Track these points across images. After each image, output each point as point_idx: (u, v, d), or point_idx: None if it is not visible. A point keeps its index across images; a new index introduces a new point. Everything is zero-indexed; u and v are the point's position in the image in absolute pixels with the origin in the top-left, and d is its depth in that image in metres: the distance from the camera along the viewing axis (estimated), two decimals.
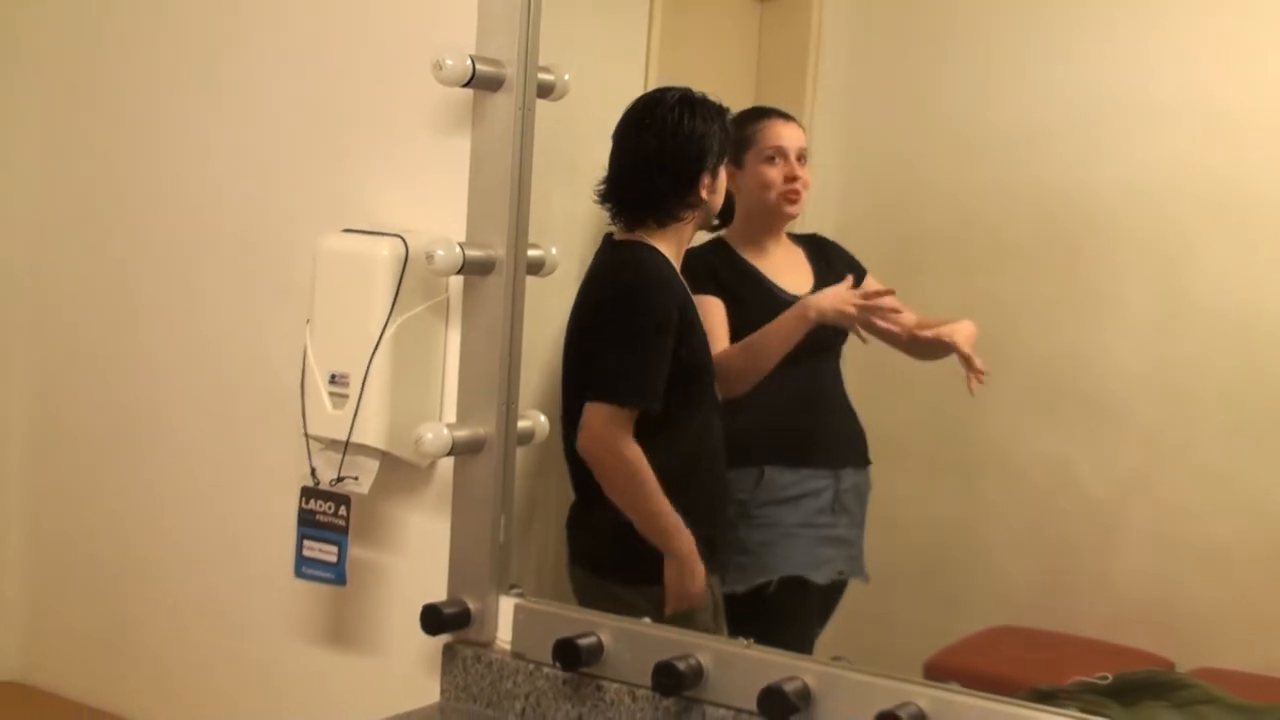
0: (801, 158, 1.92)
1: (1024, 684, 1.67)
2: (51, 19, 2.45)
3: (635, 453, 1.91)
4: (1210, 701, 1.62)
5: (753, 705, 1.72)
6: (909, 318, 1.87)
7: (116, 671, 2.40)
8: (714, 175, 1.95)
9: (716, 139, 1.95)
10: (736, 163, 1.93)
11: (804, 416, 1.96)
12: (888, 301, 1.88)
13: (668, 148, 1.98)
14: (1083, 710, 1.60)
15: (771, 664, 1.75)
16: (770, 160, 1.92)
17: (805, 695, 1.71)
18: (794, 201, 1.93)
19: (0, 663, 2.53)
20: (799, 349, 1.92)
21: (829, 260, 1.95)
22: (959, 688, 1.65)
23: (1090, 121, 1.77)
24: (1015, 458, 1.82)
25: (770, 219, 1.94)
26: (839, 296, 1.90)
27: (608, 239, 2.01)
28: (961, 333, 1.83)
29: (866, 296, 1.89)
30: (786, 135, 1.91)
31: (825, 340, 1.93)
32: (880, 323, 1.88)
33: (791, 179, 1.91)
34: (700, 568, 1.90)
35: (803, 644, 1.81)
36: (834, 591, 1.98)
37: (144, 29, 2.34)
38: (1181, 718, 1.60)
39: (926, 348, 1.87)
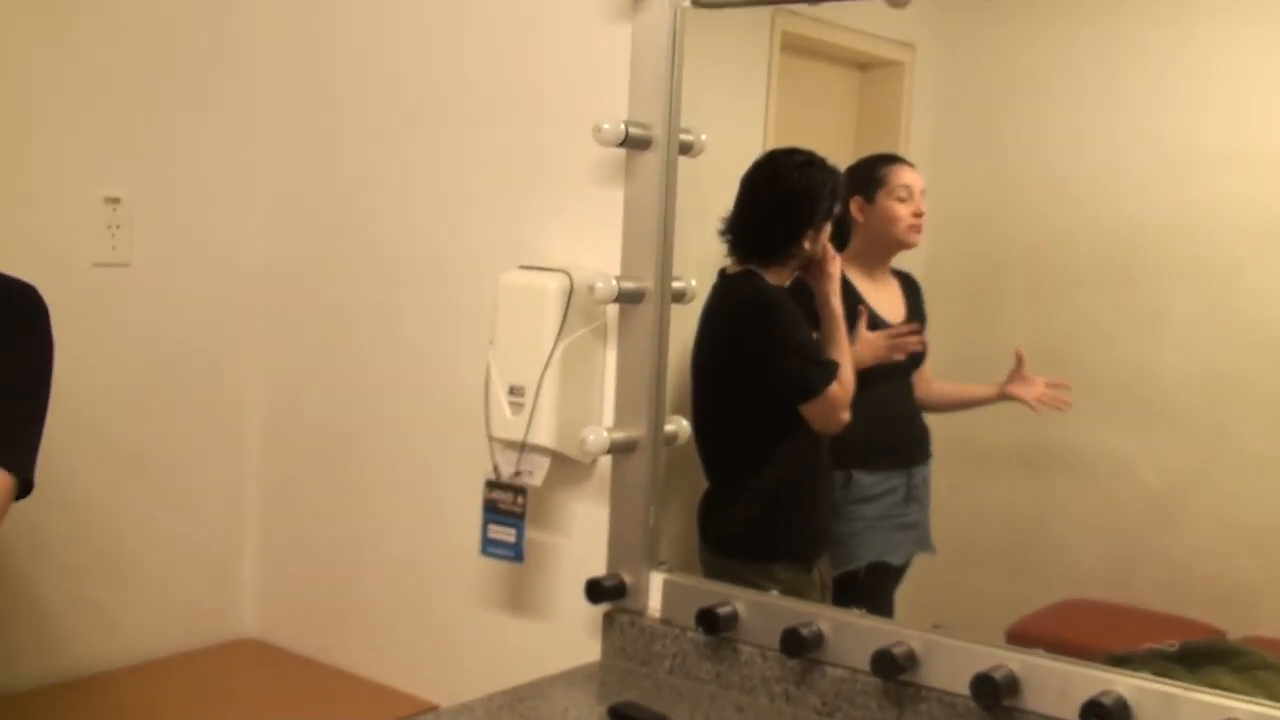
0: (923, 196, 1.88)
1: (1095, 649, 1.62)
2: (280, 86, 2.48)
3: (848, 414, 1.90)
4: (1266, 667, 1.56)
5: (867, 666, 1.70)
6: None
7: (336, 631, 2.42)
8: (818, 231, 1.92)
9: (826, 201, 1.92)
10: (867, 198, 1.90)
11: (883, 428, 1.94)
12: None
13: (783, 204, 1.96)
14: (1154, 674, 1.55)
15: (881, 631, 1.73)
16: (901, 199, 1.88)
17: (911, 658, 1.68)
18: (919, 232, 1.89)
19: (240, 623, 2.56)
20: (879, 373, 1.89)
21: (916, 297, 1.92)
22: (1044, 653, 1.61)
23: (1146, 167, 1.72)
24: (1084, 454, 1.78)
25: (893, 248, 1.91)
26: (873, 345, 1.89)
27: (721, 274, 1.98)
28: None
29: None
30: (913, 178, 1.87)
31: (901, 367, 1.90)
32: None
33: (918, 214, 1.88)
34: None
35: (886, 615, 1.80)
36: (905, 566, 1.95)
37: (359, 97, 2.36)
38: (1240, 681, 1.54)
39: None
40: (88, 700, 2.22)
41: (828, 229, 1.91)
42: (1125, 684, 1.55)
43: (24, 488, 1.59)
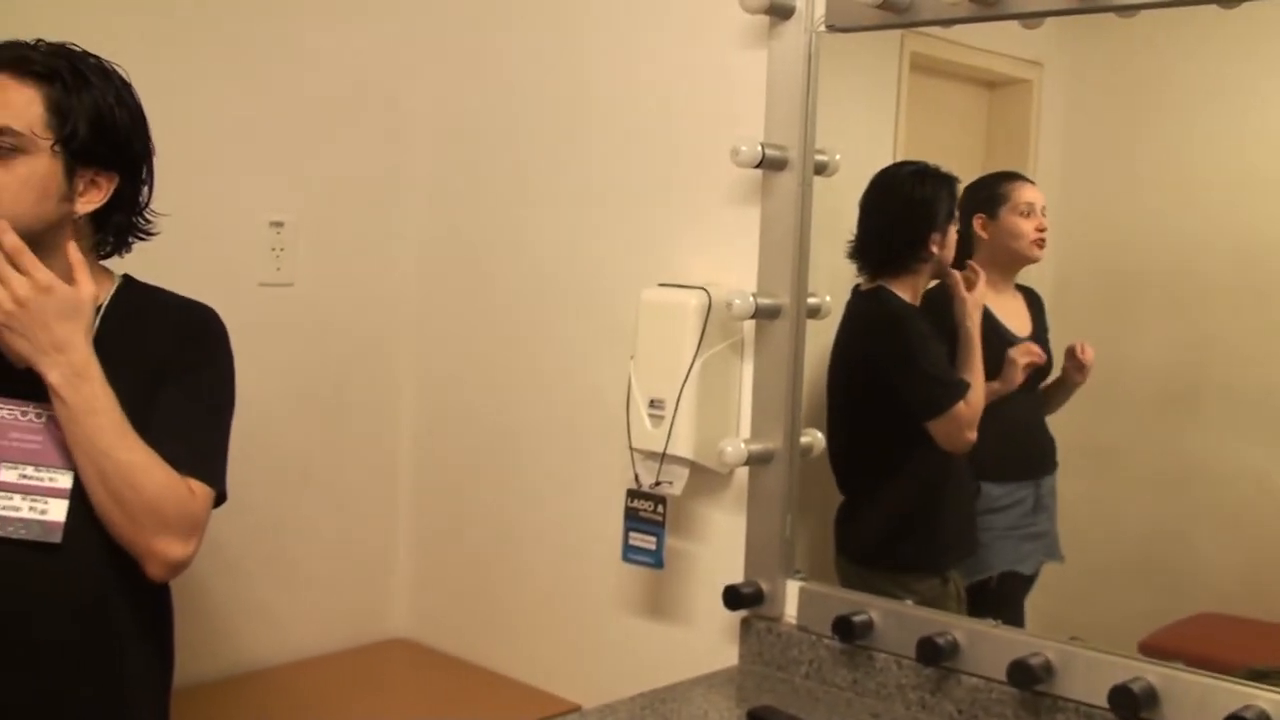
0: (1044, 213, 1.84)
1: (1233, 664, 1.57)
2: (432, 117, 2.53)
3: (976, 430, 1.87)
4: None
5: (1002, 675, 1.67)
6: None
7: (483, 632, 2.45)
8: (943, 234, 1.89)
9: (944, 204, 1.89)
10: (990, 215, 1.86)
11: (1012, 440, 1.89)
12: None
13: (902, 212, 1.94)
14: None
15: (1016, 641, 1.70)
16: (1024, 214, 1.84)
17: (1048, 668, 1.65)
18: (1042, 247, 1.85)
19: (392, 623, 2.60)
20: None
21: (1040, 312, 1.88)
22: (1184, 666, 1.56)
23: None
24: (1220, 468, 1.72)
25: (1017, 263, 1.87)
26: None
27: (855, 290, 1.97)
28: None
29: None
30: (1034, 194, 1.83)
31: (1029, 379, 1.86)
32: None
33: (1041, 230, 1.84)
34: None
35: (1018, 625, 1.77)
36: (1035, 575, 1.91)
37: (508, 125, 2.39)
38: None
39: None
40: (252, 694, 2.28)
41: (953, 233, 1.88)
42: (1267, 699, 1.50)
43: (219, 499, 1.67)
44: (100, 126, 1.58)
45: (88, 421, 1.54)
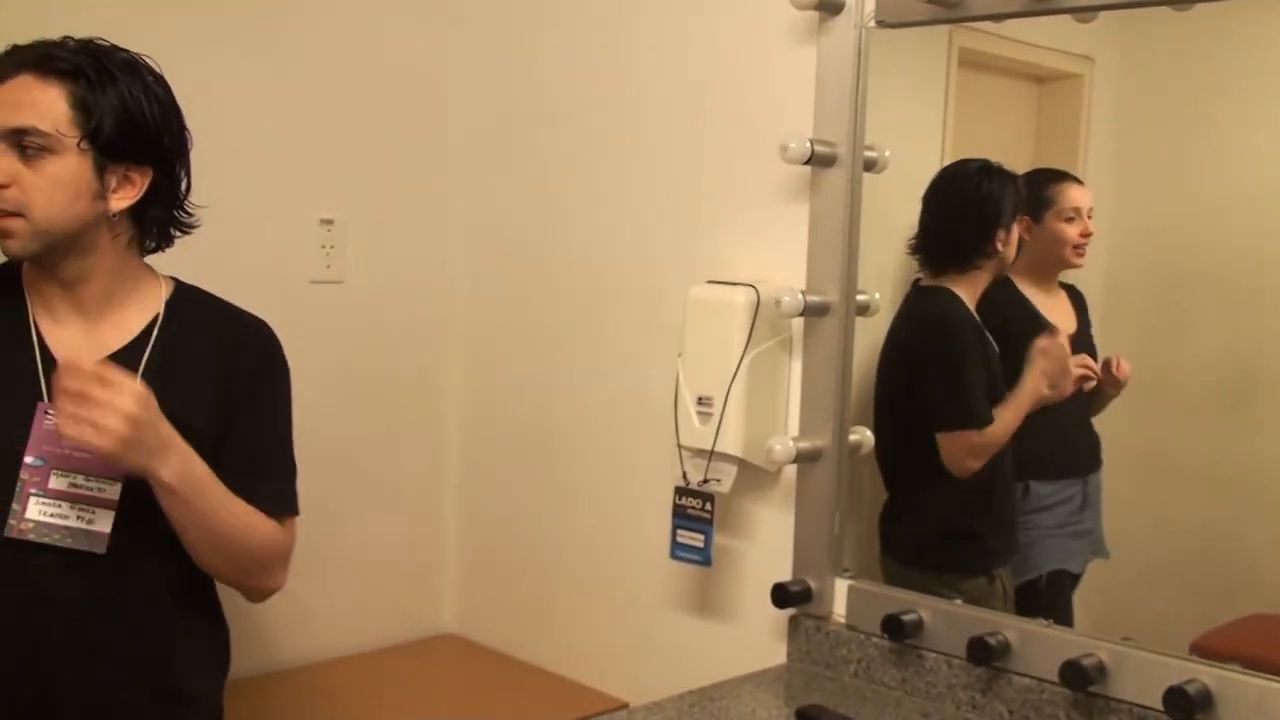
0: (1090, 216, 1.82)
1: None
2: (479, 115, 2.53)
3: (982, 462, 1.88)
4: None
5: (1054, 676, 1.65)
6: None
7: (531, 629, 2.45)
8: (1008, 230, 1.88)
9: (1009, 201, 1.88)
10: (1035, 218, 1.85)
11: (1060, 438, 1.88)
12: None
13: (968, 209, 1.92)
14: None
15: (1068, 641, 1.68)
16: (1069, 220, 1.82)
17: (1101, 669, 1.63)
18: (1083, 253, 1.83)
19: (440, 619, 2.61)
20: None
21: (1084, 309, 1.86)
22: (1240, 668, 1.54)
23: None
24: (1273, 466, 1.69)
25: (1058, 268, 1.85)
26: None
27: (915, 285, 1.95)
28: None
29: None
30: (1083, 198, 1.81)
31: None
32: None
33: (1086, 235, 1.82)
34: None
35: (1067, 624, 1.76)
36: (1082, 573, 1.89)
37: (554, 122, 2.39)
38: None
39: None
40: (301, 690, 2.30)
41: (1016, 231, 1.87)
42: None
43: None
44: (128, 121, 1.55)
45: (199, 504, 1.57)
